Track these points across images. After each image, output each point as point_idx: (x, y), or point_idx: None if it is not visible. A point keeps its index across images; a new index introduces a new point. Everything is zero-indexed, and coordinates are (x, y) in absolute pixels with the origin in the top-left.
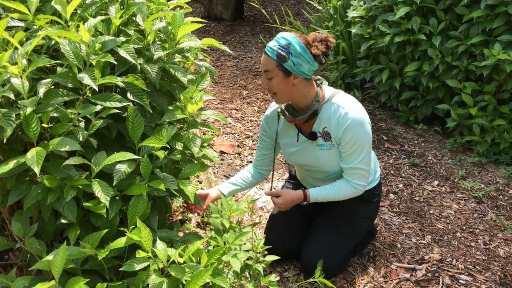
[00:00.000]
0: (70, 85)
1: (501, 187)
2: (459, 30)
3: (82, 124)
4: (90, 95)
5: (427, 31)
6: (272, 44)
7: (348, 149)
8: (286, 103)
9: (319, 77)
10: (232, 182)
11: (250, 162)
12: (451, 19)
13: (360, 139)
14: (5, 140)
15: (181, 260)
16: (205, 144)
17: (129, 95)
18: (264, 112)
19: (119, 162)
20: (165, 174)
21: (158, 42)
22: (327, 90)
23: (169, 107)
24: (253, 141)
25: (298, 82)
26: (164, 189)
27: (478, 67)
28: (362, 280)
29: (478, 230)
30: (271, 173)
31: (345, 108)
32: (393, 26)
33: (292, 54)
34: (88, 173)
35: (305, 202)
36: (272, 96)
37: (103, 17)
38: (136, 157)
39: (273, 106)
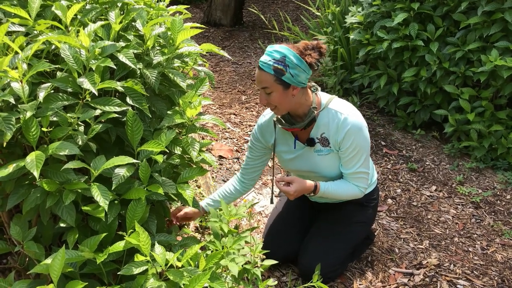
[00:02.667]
0: (70, 90)
1: (498, 193)
2: (457, 36)
3: (81, 128)
4: (89, 99)
5: (424, 37)
6: (266, 59)
7: (348, 154)
8: (286, 113)
9: (313, 83)
10: (212, 197)
11: None
12: (449, 26)
13: (360, 143)
14: (5, 144)
15: (179, 264)
16: (204, 149)
17: (128, 100)
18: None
19: (118, 166)
20: (163, 178)
21: (158, 47)
22: (323, 96)
23: (168, 112)
24: None
25: (297, 92)
26: (163, 193)
27: (476, 73)
28: (360, 285)
29: (475, 235)
30: (272, 177)
31: (344, 113)
32: (391, 32)
33: (289, 66)
34: (87, 177)
35: (312, 194)
36: (272, 109)
37: (103, 22)
38: (135, 161)
39: (267, 114)
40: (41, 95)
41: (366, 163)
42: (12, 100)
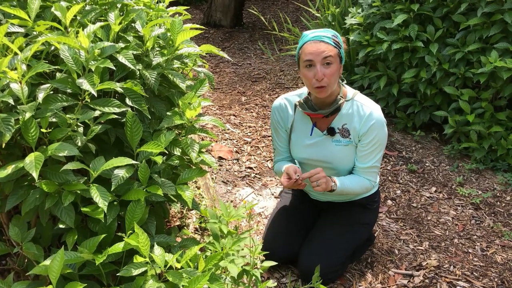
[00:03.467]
0: (69, 91)
1: (498, 194)
2: (456, 37)
3: (80, 129)
4: (89, 100)
5: (424, 39)
6: (324, 34)
7: (369, 148)
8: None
9: (340, 75)
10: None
11: (249, 168)
12: (448, 27)
13: (381, 139)
14: (3, 145)
15: (178, 266)
16: (204, 150)
17: (127, 101)
18: (266, 113)
19: (117, 167)
20: (163, 179)
21: (157, 48)
22: (348, 88)
23: (168, 113)
24: (251, 147)
25: (341, 72)
26: (162, 195)
27: (475, 74)
28: (359, 286)
29: (475, 237)
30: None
31: (370, 107)
32: (391, 33)
33: (340, 44)
34: (86, 178)
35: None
36: (322, 84)
37: (102, 23)
38: (134, 162)
39: (289, 96)
40: (40, 96)
41: (380, 159)
42: (11, 101)
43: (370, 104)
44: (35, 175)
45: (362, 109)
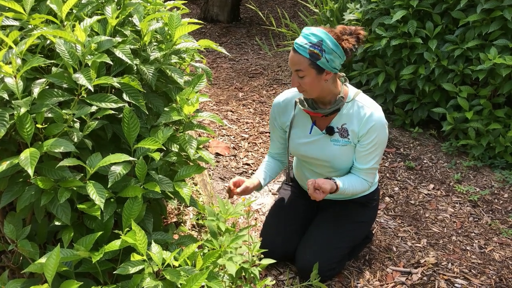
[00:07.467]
0: (65, 86)
1: (496, 191)
2: (455, 34)
3: (77, 125)
4: (85, 95)
5: (423, 35)
6: (303, 41)
7: (368, 149)
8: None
9: (343, 74)
10: (262, 171)
11: (247, 164)
12: (448, 23)
13: (381, 140)
14: None
15: (176, 263)
16: (201, 146)
17: (125, 96)
18: (264, 109)
19: (114, 163)
20: (160, 176)
21: (155, 43)
22: (350, 88)
23: (165, 109)
24: (248, 143)
25: (329, 77)
26: (160, 191)
27: (474, 71)
28: (357, 283)
29: (473, 234)
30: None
31: (370, 108)
32: (390, 30)
33: (325, 51)
34: (82, 174)
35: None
36: (301, 91)
37: (99, 17)
38: (131, 158)
39: (289, 94)
40: (36, 91)
41: (379, 160)
42: (5, 96)
43: (371, 105)
44: (30, 171)
45: (363, 110)
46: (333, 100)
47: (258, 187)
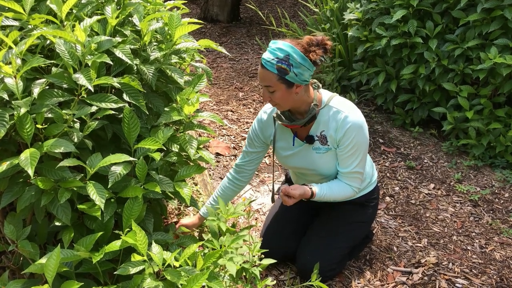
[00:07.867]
0: (65, 86)
1: (496, 191)
2: (456, 33)
3: (77, 125)
4: (85, 95)
5: (423, 34)
6: (269, 57)
7: (347, 152)
8: (288, 109)
9: (315, 80)
10: (208, 204)
11: None
12: (448, 23)
13: (359, 142)
14: None
15: (176, 264)
16: (201, 146)
17: (125, 96)
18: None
19: (115, 164)
20: (160, 176)
21: (155, 43)
22: (324, 94)
23: (165, 109)
24: None
25: (300, 90)
26: (160, 192)
27: (474, 71)
28: (358, 283)
29: (474, 234)
30: (272, 176)
31: (345, 111)
32: (390, 29)
33: (293, 65)
34: (82, 175)
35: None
36: (274, 105)
37: (99, 17)
38: (131, 159)
39: (267, 110)
40: (36, 91)
41: (362, 163)
42: (5, 96)
43: (345, 108)
44: (30, 171)
45: (338, 114)
46: (307, 109)
47: (198, 224)
